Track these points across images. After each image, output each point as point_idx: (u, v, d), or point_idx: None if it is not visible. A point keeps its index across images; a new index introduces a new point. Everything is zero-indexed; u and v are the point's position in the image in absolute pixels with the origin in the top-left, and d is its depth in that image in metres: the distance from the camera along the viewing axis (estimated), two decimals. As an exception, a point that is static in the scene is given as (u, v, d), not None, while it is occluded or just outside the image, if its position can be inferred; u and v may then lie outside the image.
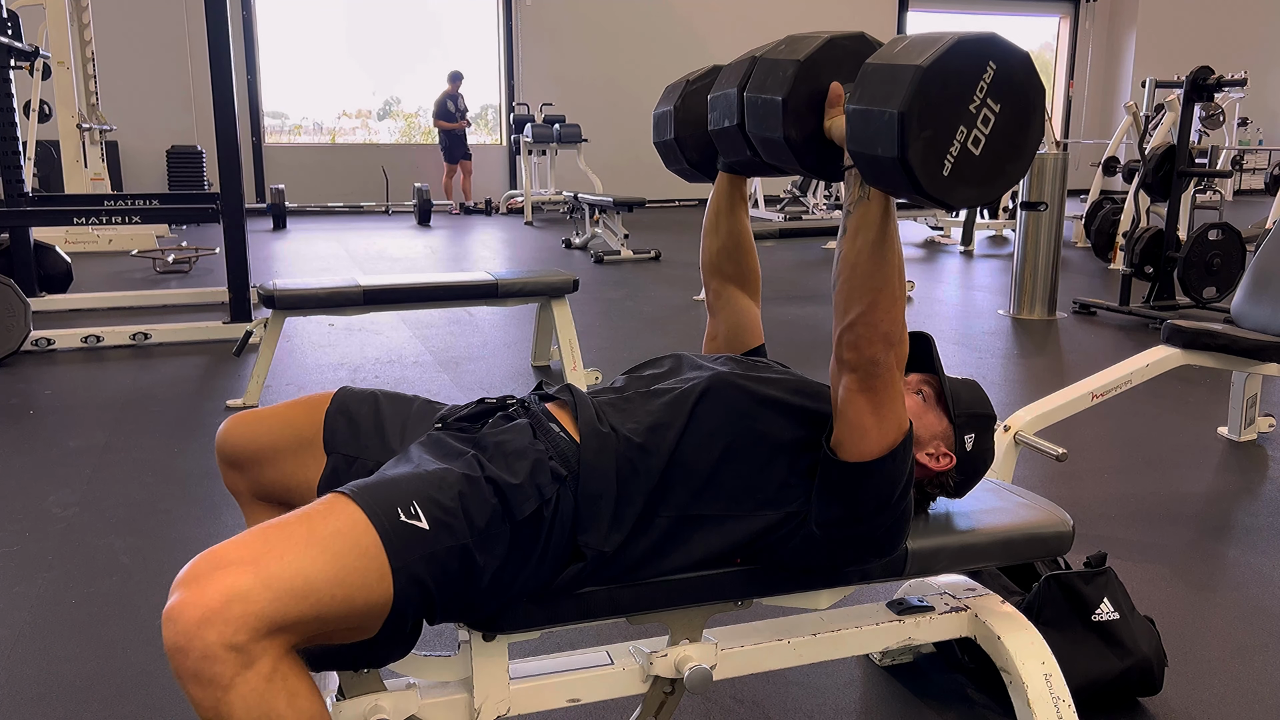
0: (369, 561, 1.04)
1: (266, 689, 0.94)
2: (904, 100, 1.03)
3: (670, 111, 1.63)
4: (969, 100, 1.06)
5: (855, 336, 1.17)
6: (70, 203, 5.89)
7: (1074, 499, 2.73)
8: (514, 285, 3.87)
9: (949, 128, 1.06)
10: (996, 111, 1.07)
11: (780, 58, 1.26)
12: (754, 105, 1.29)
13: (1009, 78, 1.07)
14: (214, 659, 0.92)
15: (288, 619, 0.97)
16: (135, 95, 11.12)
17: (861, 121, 1.09)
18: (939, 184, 1.07)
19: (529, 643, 1.28)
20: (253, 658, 0.94)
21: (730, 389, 1.29)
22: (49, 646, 1.95)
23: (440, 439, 1.25)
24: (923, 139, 1.04)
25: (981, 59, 1.06)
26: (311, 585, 0.99)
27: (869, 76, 1.10)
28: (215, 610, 0.93)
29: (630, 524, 1.21)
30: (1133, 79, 14.66)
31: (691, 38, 13.38)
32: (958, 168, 1.07)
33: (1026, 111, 1.09)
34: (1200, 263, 5.26)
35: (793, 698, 1.77)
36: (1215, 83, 5.43)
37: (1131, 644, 1.73)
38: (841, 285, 1.18)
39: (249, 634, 0.94)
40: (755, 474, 1.26)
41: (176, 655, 0.93)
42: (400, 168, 12.39)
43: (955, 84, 1.05)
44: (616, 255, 7.73)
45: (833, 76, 1.24)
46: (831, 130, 1.22)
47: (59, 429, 3.38)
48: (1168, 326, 2.88)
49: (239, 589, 0.94)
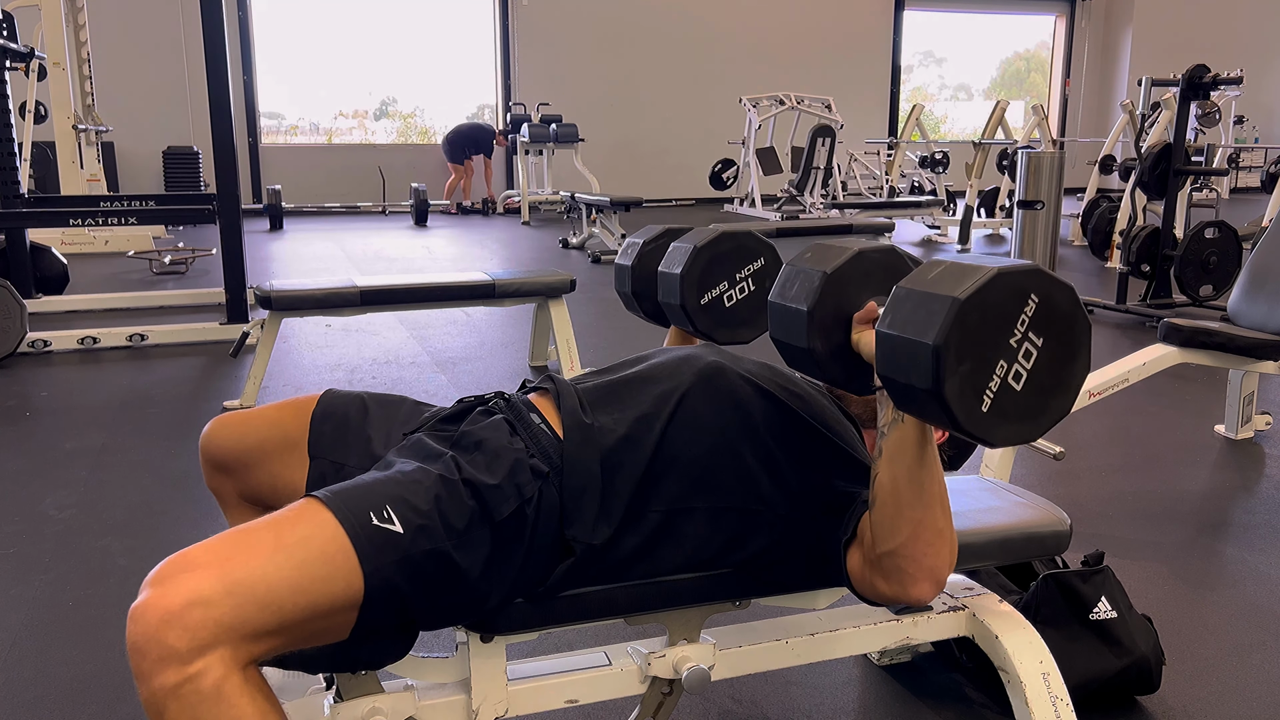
0: (335, 568, 1.02)
1: (210, 704, 0.93)
2: (939, 332, 0.99)
3: (628, 269, 1.80)
4: (1009, 334, 1.02)
5: (896, 568, 1.16)
6: (66, 204, 5.87)
7: (1071, 498, 2.73)
8: (511, 285, 3.87)
9: (988, 362, 1.01)
10: (1039, 345, 1.03)
11: (808, 267, 1.25)
12: (777, 311, 1.27)
13: (1051, 310, 1.03)
14: (166, 662, 0.91)
15: (248, 626, 0.96)
16: (131, 96, 11.10)
17: (892, 348, 1.05)
18: (977, 420, 1.02)
19: (527, 644, 1.28)
20: (203, 668, 0.92)
21: (722, 376, 1.28)
22: (46, 649, 1.94)
23: (420, 441, 1.24)
24: (959, 374, 1.00)
25: (1023, 291, 1.02)
26: (274, 592, 0.98)
27: (902, 302, 1.06)
28: (175, 614, 0.92)
29: (619, 517, 1.20)
30: (1129, 77, 14.68)
31: (688, 37, 13.39)
32: (998, 403, 1.02)
33: (1072, 345, 1.05)
34: (1197, 261, 5.26)
35: (791, 697, 1.77)
36: (1211, 81, 5.44)
37: (1129, 642, 1.73)
38: (879, 510, 1.16)
39: (207, 639, 0.93)
40: (746, 464, 1.25)
41: (134, 654, 0.93)
42: (397, 168, 12.37)
43: (995, 316, 1.01)
44: (613, 255, 7.72)
45: (860, 289, 1.22)
46: (859, 345, 1.21)
47: (56, 431, 3.37)
48: (1164, 325, 2.88)
49: (201, 594, 0.94)
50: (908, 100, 14.90)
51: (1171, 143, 5.48)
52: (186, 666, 0.92)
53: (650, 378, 1.30)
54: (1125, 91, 14.50)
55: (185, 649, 0.92)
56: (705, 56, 13.45)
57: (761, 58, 13.55)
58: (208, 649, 0.93)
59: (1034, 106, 9.61)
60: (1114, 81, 15.40)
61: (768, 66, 13.38)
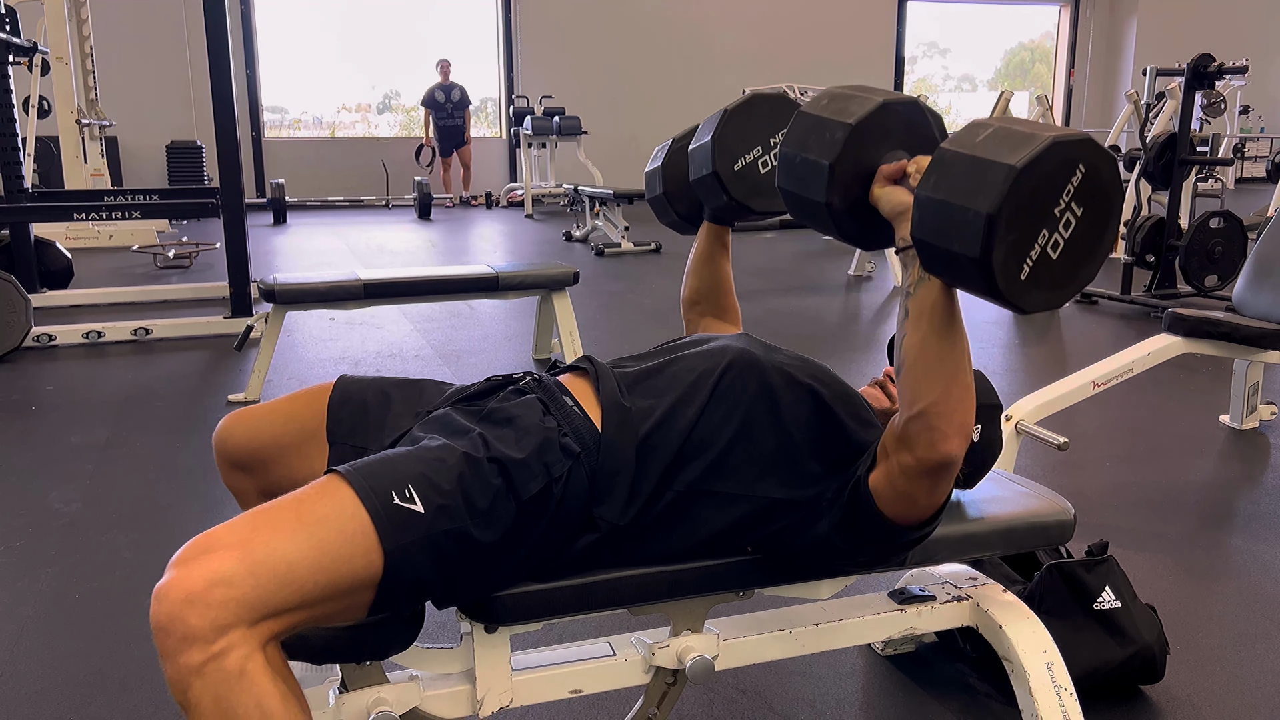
0: (355, 547, 1.03)
1: (234, 682, 0.94)
2: (994, 201, 0.98)
3: (658, 169, 1.71)
4: (1055, 203, 1.01)
5: (926, 427, 1.12)
6: (70, 198, 5.88)
7: (1075, 488, 2.73)
8: (514, 278, 3.87)
9: (1033, 231, 1.01)
10: (1079, 215, 1.02)
11: (828, 117, 1.19)
12: (792, 163, 1.22)
13: (1096, 181, 1.02)
14: (191, 641, 0.93)
15: (270, 605, 0.97)
16: (134, 90, 11.10)
17: (937, 213, 1.03)
18: (1016, 287, 1.02)
19: (531, 634, 1.28)
20: (226, 646, 0.94)
21: (755, 366, 1.27)
22: (52, 642, 1.95)
23: (446, 415, 1.23)
24: (1008, 242, 0.99)
25: (1073, 161, 1.01)
26: (295, 571, 0.99)
27: (950, 165, 1.03)
28: (198, 593, 0.93)
29: (644, 498, 1.20)
30: (1134, 67, 14.62)
31: (691, 28, 13.36)
32: (1035, 271, 1.02)
33: (1106, 214, 1.04)
34: (1202, 251, 5.25)
35: (795, 687, 1.78)
36: (1216, 70, 5.41)
37: (1133, 632, 1.73)
38: (908, 372, 1.14)
39: (229, 618, 0.94)
40: (769, 453, 1.24)
41: (159, 633, 0.94)
42: (400, 161, 12.36)
43: (1045, 186, 1.00)
44: (617, 247, 7.72)
45: (880, 143, 1.18)
46: (879, 200, 1.18)
47: (61, 425, 3.38)
48: (1169, 315, 2.88)
49: (223, 573, 0.95)
50: (912, 91, 14.86)
51: (1176, 133, 5.46)
52: (210, 645, 0.93)
53: (686, 364, 1.29)
54: (1130, 81, 14.43)
55: (208, 628, 0.93)
56: (708, 47, 13.42)
57: (765, 49, 13.51)
58: (230, 628, 0.94)
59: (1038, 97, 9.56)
60: (1118, 71, 15.34)
61: (771, 58, 13.34)
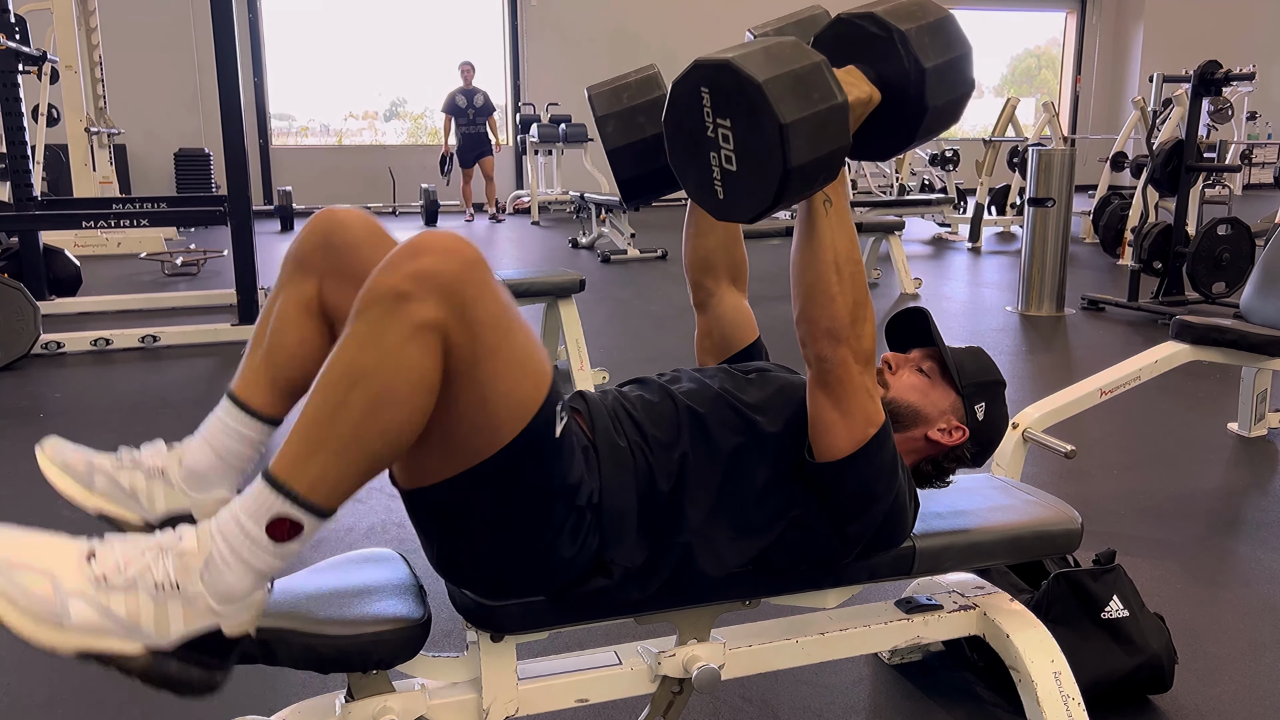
0: (527, 374, 1.08)
1: (395, 332, 0.98)
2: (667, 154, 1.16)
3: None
4: (705, 128, 1.10)
5: (801, 333, 1.21)
6: (79, 206, 5.91)
7: (1083, 496, 2.72)
8: (521, 285, 3.87)
9: (703, 158, 1.11)
10: (730, 125, 1.08)
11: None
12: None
13: (723, 91, 1.08)
14: (410, 279, 0.99)
15: (467, 312, 1.01)
16: (143, 99, 11.15)
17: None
18: (722, 208, 1.13)
19: (537, 643, 1.28)
20: (424, 302, 0.98)
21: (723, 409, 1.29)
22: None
23: None
24: (691, 178, 1.14)
25: (695, 88, 1.10)
26: (491, 314, 1.05)
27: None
28: (429, 265, 1.00)
29: (648, 545, 1.21)
30: (1140, 74, 14.60)
31: (696, 36, 13.36)
32: (727, 187, 1.11)
33: (752, 110, 1.06)
34: (1209, 258, 5.24)
35: (801, 696, 1.77)
36: (1223, 77, 5.41)
37: (1141, 641, 1.73)
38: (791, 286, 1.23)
39: (436, 288, 0.99)
40: (756, 489, 1.26)
41: (386, 268, 1.00)
42: (407, 169, 12.39)
43: (688, 120, 1.11)
44: (623, 254, 7.72)
45: None
46: None
47: (69, 432, 3.35)
48: (1177, 322, 2.87)
49: (449, 267, 1.01)
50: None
51: (1183, 139, 5.45)
52: (417, 288, 0.98)
53: (673, 399, 1.30)
54: (1136, 88, 14.43)
55: (421, 285, 0.99)
56: (714, 55, 13.42)
57: (770, 56, 13.51)
58: (433, 294, 0.99)
59: (1045, 103, 9.56)
60: (1125, 78, 15.33)
61: (777, 65, 13.34)
